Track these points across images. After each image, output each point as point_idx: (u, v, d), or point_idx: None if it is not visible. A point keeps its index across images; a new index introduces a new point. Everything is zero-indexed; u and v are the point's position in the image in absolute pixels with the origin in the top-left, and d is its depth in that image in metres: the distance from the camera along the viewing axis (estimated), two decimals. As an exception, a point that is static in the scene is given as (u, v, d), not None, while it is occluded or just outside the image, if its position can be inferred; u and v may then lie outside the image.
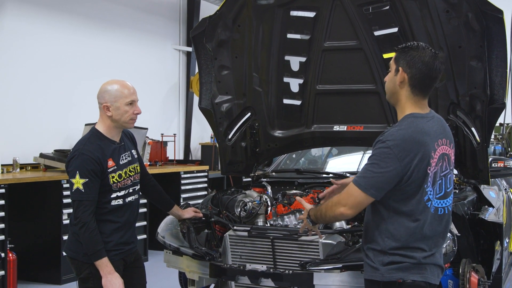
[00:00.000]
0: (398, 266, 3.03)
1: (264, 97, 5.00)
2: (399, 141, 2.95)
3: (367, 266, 3.16)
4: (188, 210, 4.55)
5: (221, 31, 4.67)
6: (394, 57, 3.13)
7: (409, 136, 2.97)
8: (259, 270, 3.99)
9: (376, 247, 3.09)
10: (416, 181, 2.98)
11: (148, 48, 10.62)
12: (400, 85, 3.08)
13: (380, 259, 3.06)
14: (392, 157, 2.93)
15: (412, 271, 3.03)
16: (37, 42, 8.34)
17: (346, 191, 3.09)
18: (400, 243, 3.03)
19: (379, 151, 2.98)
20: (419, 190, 3.00)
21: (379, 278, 3.06)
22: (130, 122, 3.87)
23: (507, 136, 9.65)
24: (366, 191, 2.98)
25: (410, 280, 3.02)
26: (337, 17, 4.46)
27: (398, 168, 2.93)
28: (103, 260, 3.68)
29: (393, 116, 4.73)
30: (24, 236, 7.31)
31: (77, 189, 3.67)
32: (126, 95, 3.80)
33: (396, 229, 3.03)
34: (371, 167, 2.99)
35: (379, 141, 3.02)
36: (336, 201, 3.12)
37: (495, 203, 5.05)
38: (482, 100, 4.01)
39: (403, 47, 3.11)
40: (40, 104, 8.35)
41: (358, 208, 3.05)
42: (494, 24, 3.85)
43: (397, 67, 3.08)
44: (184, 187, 9.48)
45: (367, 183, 2.98)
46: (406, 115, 3.08)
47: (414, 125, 3.02)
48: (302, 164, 6.40)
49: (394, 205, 3.03)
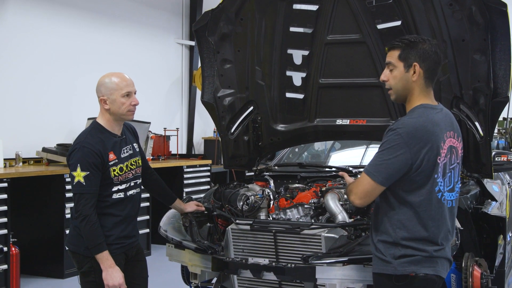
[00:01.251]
0: (411, 259, 3.05)
1: (266, 91, 4.99)
2: (410, 129, 3.00)
3: (377, 259, 3.17)
4: (190, 204, 4.55)
5: (224, 25, 4.66)
6: (398, 54, 3.13)
7: (420, 125, 3.02)
8: (261, 264, 3.98)
9: (388, 239, 3.11)
10: (426, 170, 3.01)
11: (151, 42, 10.61)
12: (415, 80, 3.11)
13: (392, 252, 3.08)
14: (402, 144, 2.98)
15: (424, 264, 3.05)
16: (39, 36, 8.34)
17: (358, 180, 3.13)
18: (414, 234, 3.06)
19: (390, 138, 3.02)
20: (429, 180, 3.04)
21: (391, 271, 3.07)
22: (128, 114, 3.86)
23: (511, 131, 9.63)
24: (375, 178, 3.02)
25: (422, 274, 3.05)
26: (340, 11, 4.44)
27: (407, 156, 2.97)
28: (104, 254, 3.68)
29: (396, 110, 4.73)
30: (27, 230, 7.33)
31: (78, 182, 3.68)
32: (121, 87, 3.79)
33: (407, 219, 3.06)
34: (381, 155, 3.03)
35: (390, 129, 3.06)
36: (350, 188, 3.18)
37: (498, 197, 5.04)
38: (486, 93, 3.99)
39: (407, 43, 3.11)
40: (43, 98, 8.36)
41: (367, 197, 3.09)
42: (498, 17, 3.83)
43: (409, 63, 3.10)
44: (187, 181, 9.49)
45: (376, 170, 3.03)
46: (417, 105, 3.13)
47: (425, 115, 3.07)
48: (304, 158, 6.39)
49: (404, 195, 3.06)
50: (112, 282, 3.70)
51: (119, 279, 3.72)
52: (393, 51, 3.16)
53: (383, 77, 3.22)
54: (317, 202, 4.47)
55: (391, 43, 3.21)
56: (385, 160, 3.01)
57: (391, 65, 3.16)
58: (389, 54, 3.19)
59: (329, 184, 4.72)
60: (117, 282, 3.71)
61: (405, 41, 3.14)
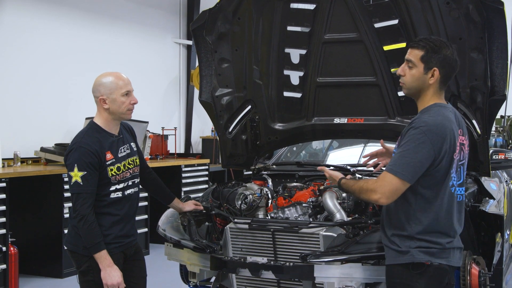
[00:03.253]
0: (426, 251, 3.21)
1: (264, 90, 4.99)
2: (431, 127, 3.13)
3: (392, 251, 3.29)
4: (189, 203, 4.56)
5: (221, 24, 4.66)
6: (421, 55, 3.23)
7: (440, 122, 3.16)
8: (259, 263, 3.98)
9: (403, 233, 3.24)
10: (445, 166, 3.17)
11: (148, 41, 10.61)
12: (432, 84, 3.24)
13: (407, 244, 3.22)
14: (427, 142, 3.10)
15: (438, 255, 3.22)
16: (37, 37, 8.34)
17: (381, 179, 3.19)
18: (428, 228, 3.20)
19: (413, 137, 3.13)
20: (446, 176, 3.20)
21: (409, 260, 3.21)
22: (127, 113, 3.87)
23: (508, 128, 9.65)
24: (403, 177, 3.12)
25: (437, 263, 3.22)
26: (337, 10, 4.45)
27: (431, 152, 3.10)
28: (102, 253, 3.69)
29: (394, 108, 4.73)
30: (25, 230, 7.33)
31: (76, 182, 3.68)
32: (121, 86, 3.80)
33: (423, 215, 3.20)
34: (406, 153, 3.13)
35: (411, 128, 3.17)
36: (372, 188, 3.22)
37: (496, 195, 5.05)
38: (483, 92, 4.00)
39: (432, 47, 3.22)
40: (41, 98, 8.36)
41: (394, 196, 3.17)
42: (494, 16, 3.84)
43: (430, 67, 3.22)
44: (185, 180, 9.50)
45: (404, 169, 3.12)
46: (431, 104, 3.27)
47: (441, 113, 3.21)
48: (303, 157, 6.39)
49: (422, 191, 3.19)
50: (110, 281, 3.70)
51: (117, 278, 3.72)
52: (416, 50, 3.27)
53: (400, 71, 3.35)
54: (315, 201, 4.47)
55: (415, 41, 3.32)
56: (411, 158, 3.11)
57: (412, 63, 3.27)
58: (411, 52, 3.29)
59: (327, 182, 4.72)
60: (116, 281, 3.71)
61: (430, 44, 3.24)
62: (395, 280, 3.32)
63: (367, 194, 3.24)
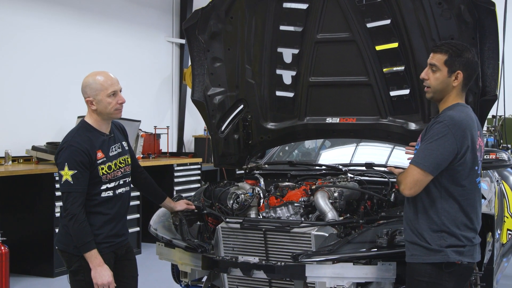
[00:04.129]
0: (457, 250, 3.28)
1: (256, 89, 4.99)
2: (455, 121, 3.24)
3: (420, 249, 3.34)
4: (180, 202, 4.55)
5: (214, 23, 4.65)
6: (445, 59, 3.35)
7: (463, 118, 3.28)
8: (251, 262, 3.99)
9: (433, 226, 3.32)
10: (468, 162, 3.28)
11: (141, 40, 10.59)
12: (455, 86, 3.37)
13: (439, 242, 3.29)
14: (450, 135, 3.21)
15: (466, 253, 3.31)
16: (28, 35, 8.31)
17: (406, 171, 3.32)
18: (457, 221, 3.29)
19: (437, 130, 3.25)
20: (471, 172, 3.31)
21: (442, 259, 3.28)
22: (115, 113, 3.85)
23: (499, 128, 9.67)
24: (425, 168, 3.22)
25: (466, 262, 3.32)
26: (329, 9, 4.45)
27: (454, 146, 3.21)
28: (93, 252, 3.68)
29: (386, 108, 4.74)
30: (16, 229, 7.30)
31: (66, 181, 3.68)
32: (106, 87, 3.78)
33: (451, 207, 3.29)
34: (429, 146, 3.24)
35: (436, 122, 3.29)
36: (399, 180, 3.36)
37: (487, 195, 5.06)
38: (474, 92, 4.01)
39: (455, 51, 3.34)
40: (32, 97, 8.34)
41: (416, 187, 3.26)
42: (486, 16, 3.86)
43: (453, 70, 3.34)
44: (177, 179, 9.49)
45: (426, 160, 3.22)
46: (454, 104, 3.38)
47: (465, 111, 3.34)
48: (295, 156, 6.40)
49: (448, 185, 3.29)
50: (101, 280, 3.70)
51: (108, 277, 3.71)
52: (440, 55, 3.37)
53: (423, 76, 3.45)
54: (307, 201, 4.48)
55: (438, 46, 3.43)
56: (433, 150, 3.22)
57: (435, 67, 3.38)
58: (434, 57, 3.39)
59: (319, 182, 4.73)
60: (106, 280, 3.71)
61: (453, 48, 3.36)
62: (422, 279, 3.34)
63: (399, 186, 3.36)
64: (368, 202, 4.53)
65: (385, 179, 4.71)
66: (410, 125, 4.70)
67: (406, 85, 4.54)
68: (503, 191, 6.07)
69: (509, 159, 5.42)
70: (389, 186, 4.59)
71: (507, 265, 6.03)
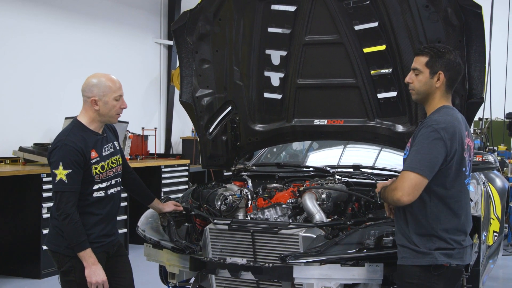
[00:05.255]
0: (446, 253, 3.30)
1: (245, 91, 5.00)
2: (443, 125, 3.26)
3: (409, 252, 3.35)
4: (169, 203, 4.55)
5: (202, 25, 4.66)
6: (426, 61, 3.39)
7: (450, 121, 3.30)
8: (239, 263, 3.99)
9: (422, 230, 3.32)
10: (456, 163, 3.29)
11: (129, 41, 10.56)
12: (438, 87, 3.39)
13: (427, 244, 3.30)
14: (439, 138, 3.23)
15: (455, 256, 3.32)
16: (14, 35, 8.26)
17: (401, 178, 3.28)
18: (447, 224, 3.30)
19: (426, 135, 3.26)
20: (459, 173, 3.32)
21: (430, 261, 3.29)
22: (116, 117, 3.90)
23: (486, 131, 9.74)
24: (421, 172, 3.21)
25: (454, 265, 3.33)
26: (317, 12, 4.47)
27: (444, 148, 3.23)
28: (87, 251, 3.69)
29: (373, 110, 4.76)
30: (3, 230, 7.27)
31: (60, 180, 3.66)
32: (114, 90, 3.82)
33: (440, 211, 3.30)
34: (421, 150, 3.25)
35: (423, 127, 3.30)
36: (393, 187, 3.31)
37: (473, 197, 5.08)
38: (461, 94, 4.04)
39: (436, 52, 3.38)
40: (19, 97, 8.28)
41: (415, 192, 3.24)
42: (473, 19, 3.89)
43: (435, 71, 3.37)
44: (165, 181, 9.47)
45: (421, 164, 3.22)
46: (440, 106, 3.40)
47: (450, 113, 3.36)
48: (283, 158, 6.41)
49: (436, 188, 3.29)
50: (95, 279, 3.69)
51: (102, 276, 3.72)
52: (421, 57, 3.42)
53: (407, 79, 3.49)
54: (294, 202, 4.48)
55: (420, 49, 3.48)
56: (426, 154, 3.22)
57: (417, 70, 3.42)
58: (417, 60, 3.44)
59: (306, 184, 4.75)
60: (100, 279, 3.71)
61: (434, 49, 3.39)
62: (412, 281, 3.35)
63: (391, 194, 3.29)
64: (356, 204, 4.55)
65: (372, 181, 4.73)
66: (398, 127, 4.73)
67: (394, 88, 4.57)
68: (489, 193, 6.11)
69: (495, 161, 5.46)
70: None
71: (493, 267, 6.08)
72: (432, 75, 3.38)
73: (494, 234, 5.88)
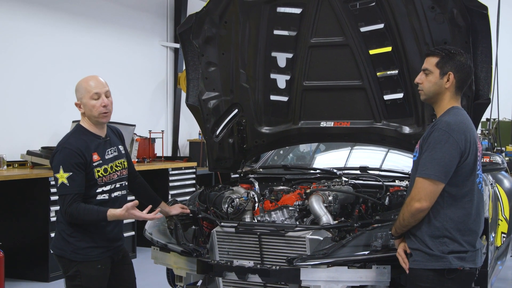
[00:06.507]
0: (459, 256, 3.29)
1: (251, 94, 5.00)
2: (454, 126, 3.27)
3: (422, 255, 3.34)
4: (175, 206, 4.55)
5: (208, 28, 4.67)
6: (436, 62, 3.40)
7: (461, 122, 3.32)
8: (246, 266, 3.99)
9: (435, 232, 3.31)
10: (470, 163, 3.30)
11: (136, 44, 10.59)
12: (448, 88, 3.40)
13: (442, 248, 3.29)
14: (452, 140, 3.23)
15: (468, 259, 3.32)
16: (22, 39, 8.30)
17: (416, 186, 3.28)
18: (459, 225, 3.29)
19: (437, 138, 3.25)
20: (472, 173, 3.33)
21: (445, 265, 3.28)
22: (101, 117, 3.84)
23: (493, 131, 9.71)
24: (437, 178, 3.22)
25: (468, 268, 3.32)
26: (323, 14, 4.47)
27: (457, 150, 3.23)
28: (109, 213, 3.71)
29: (380, 112, 4.75)
30: (11, 233, 7.29)
31: (62, 184, 3.68)
32: (89, 90, 3.79)
33: (454, 213, 3.30)
34: (434, 155, 3.24)
35: (434, 130, 3.30)
36: (408, 200, 3.31)
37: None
38: (468, 95, 4.03)
39: (447, 53, 3.39)
40: (27, 101, 8.32)
41: (432, 198, 3.25)
42: (479, 20, 3.88)
43: (445, 72, 3.39)
44: (172, 183, 9.48)
45: (435, 170, 3.22)
46: (450, 107, 3.41)
47: (461, 114, 3.38)
48: (290, 160, 6.41)
49: (449, 189, 3.28)
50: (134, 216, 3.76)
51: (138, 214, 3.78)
52: (432, 58, 3.44)
53: (417, 80, 3.51)
54: (301, 204, 4.48)
55: (431, 50, 3.51)
56: (440, 159, 3.23)
57: (428, 70, 3.44)
58: (427, 61, 3.45)
59: (313, 186, 4.74)
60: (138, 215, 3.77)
61: (445, 51, 3.41)
62: (424, 285, 3.34)
63: (408, 208, 3.30)
64: (363, 206, 4.54)
65: (379, 182, 4.72)
66: (404, 129, 4.72)
67: (400, 89, 4.56)
68: (497, 194, 6.09)
69: (503, 162, 5.45)
70: (384, 189, 4.61)
71: (501, 268, 6.05)
72: (442, 76, 3.39)
73: (503, 235, 5.85)
